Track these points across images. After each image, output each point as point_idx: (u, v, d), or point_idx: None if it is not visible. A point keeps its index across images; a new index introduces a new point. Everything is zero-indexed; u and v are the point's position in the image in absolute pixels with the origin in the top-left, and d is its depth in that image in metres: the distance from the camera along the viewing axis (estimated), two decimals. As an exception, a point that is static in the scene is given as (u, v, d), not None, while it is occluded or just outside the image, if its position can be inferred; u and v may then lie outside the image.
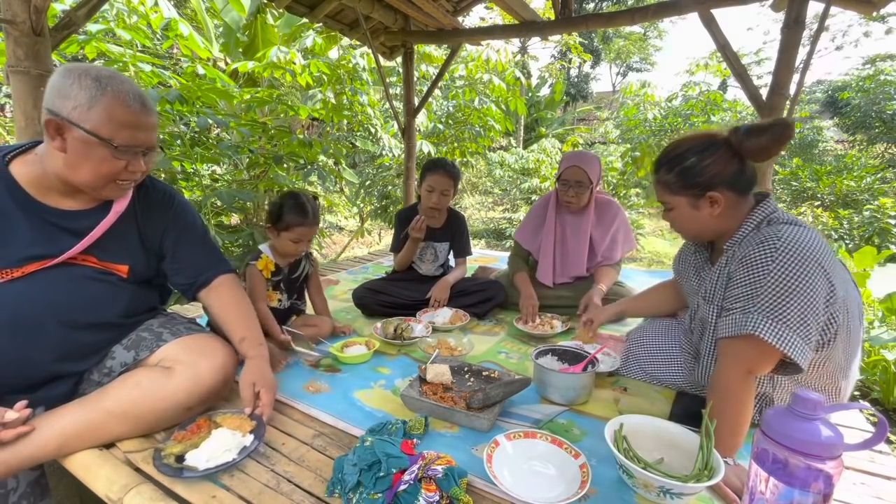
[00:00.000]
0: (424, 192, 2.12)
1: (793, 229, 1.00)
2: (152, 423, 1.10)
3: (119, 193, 1.13)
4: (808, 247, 0.97)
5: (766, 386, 1.17)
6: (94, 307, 1.13)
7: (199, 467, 0.97)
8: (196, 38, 3.25)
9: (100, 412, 1.04)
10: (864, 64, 11.96)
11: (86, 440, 1.04)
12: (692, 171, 1.09)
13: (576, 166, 2.04)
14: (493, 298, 2.14)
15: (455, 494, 0.90)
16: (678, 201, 1.14)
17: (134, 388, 1.07)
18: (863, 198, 6.07)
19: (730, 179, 1.07)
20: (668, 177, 1.13)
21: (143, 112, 1.04)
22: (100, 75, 1.00)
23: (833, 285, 0.99)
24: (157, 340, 1.19)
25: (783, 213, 1.08)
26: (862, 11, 2.27)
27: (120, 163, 1.04)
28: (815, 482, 0.71)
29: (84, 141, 0.99)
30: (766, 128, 1.02)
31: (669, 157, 1.13)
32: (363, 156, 5.90)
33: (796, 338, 0.95)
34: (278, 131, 3.51)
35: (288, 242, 1.63)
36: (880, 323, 2.59)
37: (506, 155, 7.87)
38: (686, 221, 1.16)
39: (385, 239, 6.83)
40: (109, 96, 0.99)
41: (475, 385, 1.40)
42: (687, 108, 6.10)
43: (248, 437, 1.07)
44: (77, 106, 0.97)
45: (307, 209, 1.62)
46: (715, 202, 1.09)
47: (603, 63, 21.39)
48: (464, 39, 3.48)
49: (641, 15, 2.67)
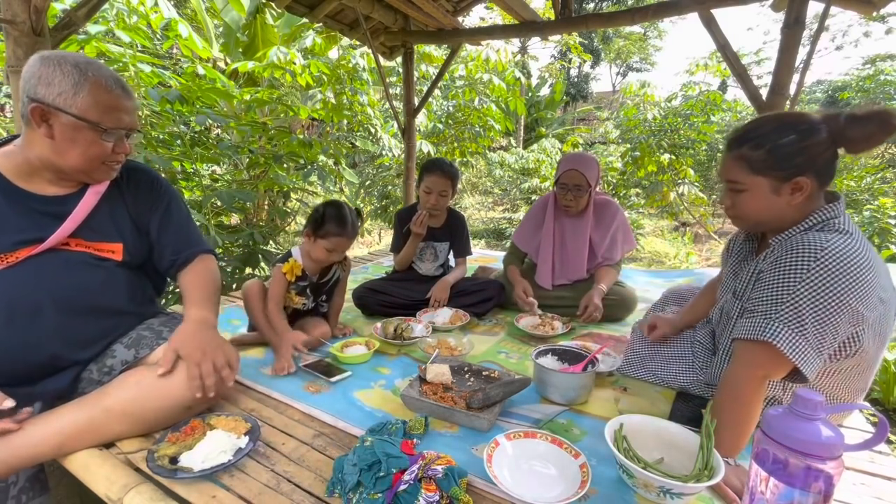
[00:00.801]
0: (423, 193, 2.12)
1: (841, 241, 0.93)
2: (152, 422, 1.10)
3: (108, 175, 1.16)
4: (848, 263, 0.90)
5: (777, 389, 1.13)
6: (90, 292, 1.14)
7: (195, 468, 0.97)
8: (195, 39, 3.25)
9: (100, 411, 1.04)
10: (864, 64, 11.96)
11: (86, 440, 1.04)
12: (789, 150, 0.97)
13: (574, 170, 2.03)
14: (493, 298, 2.14)
15: (455, 494, 0.90)
16: (758, 182, 1.01)
17: (134, 386, 1.07)
18: (863, 198, 6.06)
19: (821, 167, 0.97)
20: (754, 153, 1.00)
21: (124, 95, 1.09)
22: (78, 61, 1.03)
23: (865, 307, 0.92)
24: (158, 339, 1.20)
25: (845, 220, 0.99)
26: (862, 11, 2.27)
27: (108, 145, 1.08)
28: (816, 482, 0.71)
29: (72, 126, 1.03)
30: (871, 115, 0.92)
31: (759, 133, 1.01)
32: (363, 156, 5.91)
33: (811, 351, 0.93)
34: (278, 131, 3.51)
35: (322, 250, 1.64)
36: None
37: (506, 155, 7.88)
38: (757, 206, 1.04)
39: (385, 239, 6.83)
40: (92, 82, 1.03)
41: (475, 385, 1.40)
42: (686, 108, 6.09)
43: (242, 438, 1.07)
44: (62, 92, 1.01)
45: (347, 221, 1.63)
46: (799, 189, 0.98)
47: (603, 63, 21.37)
48: (464, 39, 3.48)
49: (641, 15, 2.66)
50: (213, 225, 2.89)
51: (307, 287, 1.74)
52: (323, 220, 1.62)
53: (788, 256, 0.95)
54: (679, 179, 6.01)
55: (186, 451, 1.01)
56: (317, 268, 1.74)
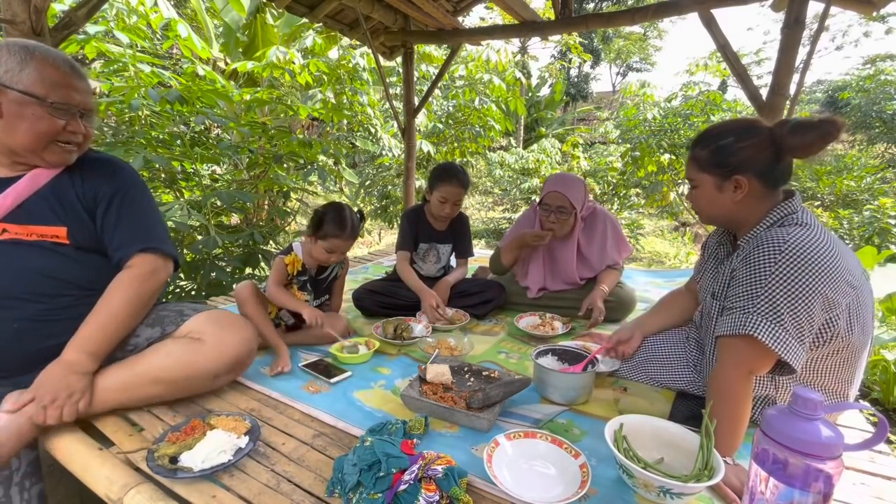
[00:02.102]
0: (437, 202, 2.06)
1: (801, 232, 0.99)
2: (183, 389, 1.21)
3: (63, 158, 1.14)
4: (810, 251, 0.96)
5: (769, 388, 1.16)
6: (50, 276, 1.12)
7: (195, 468, 0.97)
8: (194, 39, 3.25)
9: (133, 375, 1.14)
10: (864, 64, 11.97)
11: (121, 399, 1.15)
12: (725, 150, 1.09)
13: (556, 192, 1.97)
14: (493, 300, 2.14)
15: (455, 494, 0.90)
16: (704, 179, 1.14)
17: (166, 357, 1.16)
18: (863, 198, 6.06)
19: (760, 168, 1.07)
20: (701, 153, 1.13)
21: (73, 74, 1.09)
22: (27, 45, 1.06)
23: (835, 292, 0.97)
24: (180, 316, 1.26)
25: (803, 214, 1.06)
26: (862, 11, 2.27)
27: (58, 122, 1.08)
28: (815, 482, 0.71)
29: (18, 101, 1.04)
30: (814, 125, 1.00)
31: (709, 135, 1.13)
32: (363, 156, 5.91)
33: (792, 341, 0.96)
34: (278, 131, 3.51)
35: (322, 251, 1.67)
36: (880, 323, 2.59)
37: (506, 155, 7.88)
38: (707, 201, 1.16)
39: (385, 239, 6.83)
40: (38, 59, 1.05)
41: (475, 385, 1.40)
42: (686, 108, 6.10)
43: (242, 438, 1.07)
44: (8, 70, 1.03)
45: (346, 224, 1.64)
46: (739, 187, 1.08)
47: (603, 63, 21.37)
48: (464, 39, 3.48)
49: (641, 15, 2.66)
50: (213, 225, 2.89)
51: (307, 282, 1.76)
52: (322, 222, 1.64)
53: (756, 252, 1.02)
54: (679, 179, 6.01)
55: (186, 450, 1.01)
56: (314, 265, 1.77)
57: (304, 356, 1.65)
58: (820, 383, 1.12)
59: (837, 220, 5.55)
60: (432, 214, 2.18)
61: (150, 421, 1.18)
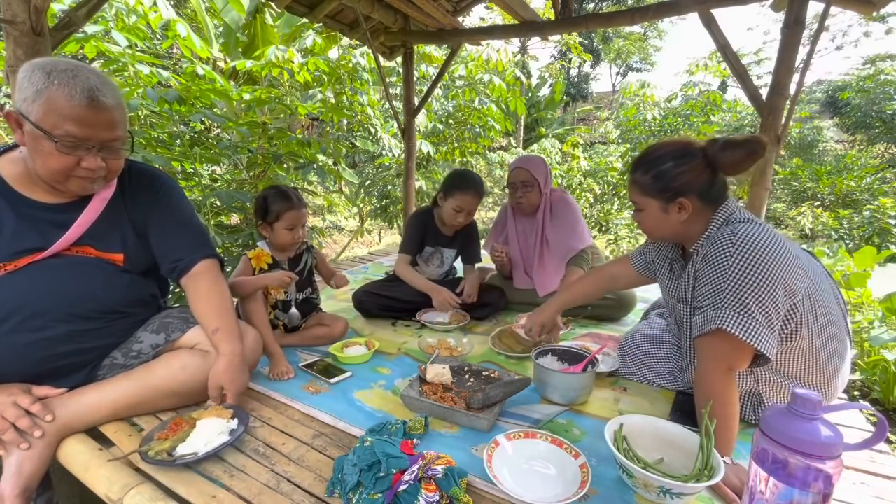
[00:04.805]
0: (451, 210, 2.01)
1: (748, 227, 1.05)
2: (197, 398, 1.24)
3: (85, 188, 1.10)
4: (761, 242, 1.01)
5: (751, 383, 1.18)
6: (94, 294, 1.14)
7: (199, 452, 1.00)
8: (194, 39, 3.25)
9: (149, 390, 1.16)
10: (864, 64, 11.96)
11: (135, 411, 1.18)
12: (666, 175, 1.12)
13: (520, 168, 2.10)
14: (493, 304, 2.15)
15: (455, 494, 0.90)
16: (649, 203, 1.17)
17: (181, 371, 1.18)
18: (863, 198, 6.07)
19: (700, 188, 1.11)
20: (643, 178, 1.16)
21: (89, 107, 0.98)
22: (54, 69, 0.97)
23: (793, 278, 1.02)
24: (185, 324, 1.26)
25: (742, 213, 1.13)
26: (862, 11, 2.27)
27: (68, 158, 1.00)
28: (815, 482, 0.71)
29: (32, 133, 0.99)
30: (741, 142, 1.05)
31: (647, 160, 1.16)
32: (363, 156, 5.90)
33: (762, 329, 0.99)
34: (277, 131, 3.51)
35: (283, 232, 1.63)
36: (880, 323, 2.59)
37: (506, 155, 7.88)
38: (653, 223, 1.20)
39: (385, 239, 6.83)
40: (53, 88, 0.96)
41: (475, 385, 1.40)
42: (686, 108, 6.10)
43: (232, 421, 1.11)
44: (25, 98, 0.98)
45: (290, 194, 1.63)
46: (683, 208, 1.12)
47: (603, 63, 21.38)
48: (464, 39, 3.48)
49: (641, 15, 2.67)
50: (213, 225, 2.89)
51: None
52: (267, 205, 1.61)
53: (714, 251, 1.06)
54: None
55: (181, 443, 1.03)
56: (285, 255, 1.73)
57: (304, 356, 1.65)
58: (802, 376, 1.14)
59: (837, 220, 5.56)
60: (442, 220, 2.14)
61: (151, 421, 1.19)
